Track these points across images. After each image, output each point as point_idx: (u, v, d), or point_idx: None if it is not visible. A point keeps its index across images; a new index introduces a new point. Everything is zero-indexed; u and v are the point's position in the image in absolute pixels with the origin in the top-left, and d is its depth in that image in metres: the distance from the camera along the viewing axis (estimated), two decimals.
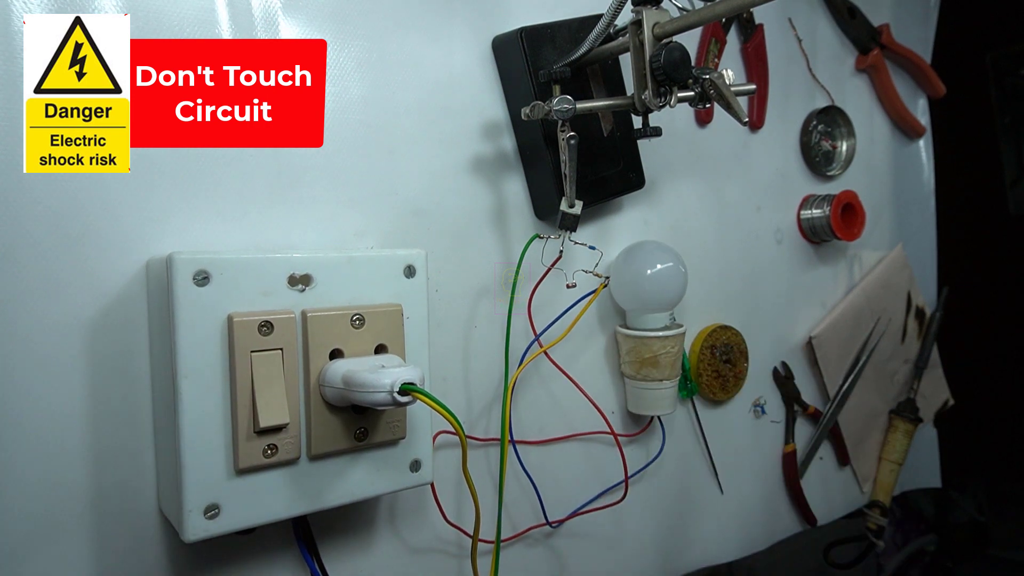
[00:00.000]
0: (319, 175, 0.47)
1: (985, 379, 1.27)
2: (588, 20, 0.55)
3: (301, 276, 0.40)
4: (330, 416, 0.40)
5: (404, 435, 0.43)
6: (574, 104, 0.48)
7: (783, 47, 0.78)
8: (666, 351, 0.58)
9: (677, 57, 0.46)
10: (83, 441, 0.39)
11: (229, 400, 0.37)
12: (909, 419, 0.86)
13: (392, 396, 0.35)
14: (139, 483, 0.41)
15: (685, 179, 0.68)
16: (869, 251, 0.87)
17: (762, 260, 0.75)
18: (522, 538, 0.56)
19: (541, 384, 0.58)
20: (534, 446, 0.57)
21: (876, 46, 0.87)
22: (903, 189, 0.94)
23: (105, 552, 0.39)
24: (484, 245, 0.55)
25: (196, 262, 0.36)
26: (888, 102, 0.90)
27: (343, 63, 0.48)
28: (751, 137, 0.75)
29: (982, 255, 1.41)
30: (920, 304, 0.91)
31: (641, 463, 0.63)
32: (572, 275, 0.54)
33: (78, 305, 0.39)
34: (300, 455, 0.40)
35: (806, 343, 0.78)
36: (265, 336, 0.38)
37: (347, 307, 0.41)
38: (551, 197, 0.54)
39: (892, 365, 0.87)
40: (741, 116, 0.50)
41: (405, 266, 0.44)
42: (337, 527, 0.47)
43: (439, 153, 0.52)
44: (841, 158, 0.83)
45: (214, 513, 0.37)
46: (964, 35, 1.15)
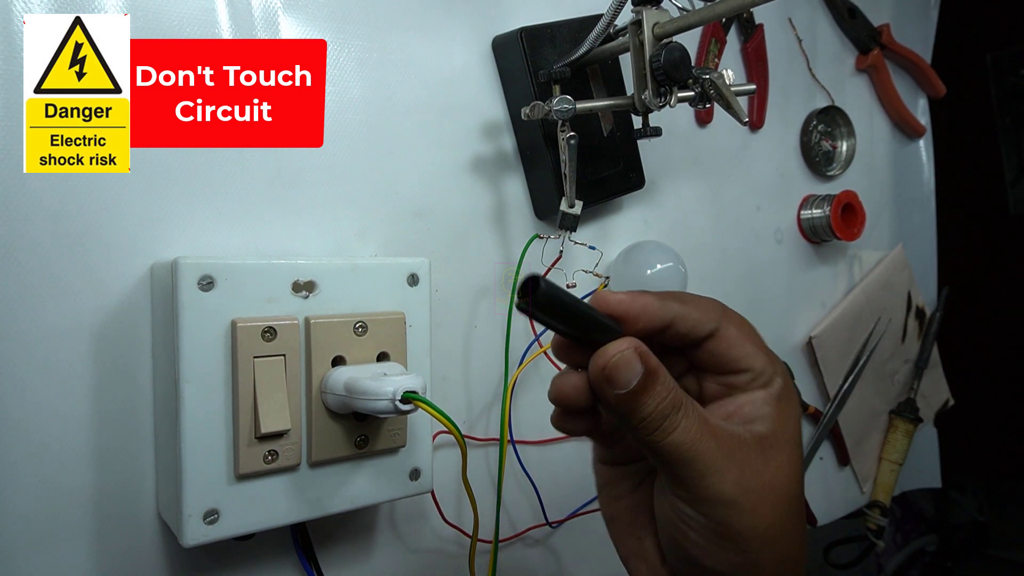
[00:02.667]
0: (319, 175, 0.47)
1: (985, 379, 1.27)
2: (588, 20, 0.55)
3: (305, 283, 0.40)
4: (331, 423, 0.40)
5: (404, 443, 0.43)
6: (574, 104, 0.48)
7: (783, 47, 0.78)
8: None
9: (677, 57, 0.46)
10: (83, 444, 0.39)
11: (231, 405, 0.37)
12: (909, 419, 0.86)
13: (394, 404, 0.35)
14: (138, 487, 0.41)
15: (685, 179, 0.68)
16: (869, 251, 0.87)
17: (762, 260, 0.75)
18: (521, 538, 0.56)
19: (541, 384, 0.57)
20: (534, 446, 0.57)
21: (876, 46, 0.87)
22: (903, 189, 0.94)
23: (103, 556, 0.39)
24: (484, 245, 0.55)
25: (201, 267, 0.36)
26: (888, 102, 0.90)
27: (343, 63, 0.48)
28: (751, 137, 0.75)
29: (982, 255, 1.41)
30: (920, 304, 0.91)
31: None
32: (572, 275, 0.54)
33: (79, 306, 0.39)
34: (300, 461, 0.39)
35: (806, 343, 0.78)
36: (268, 342, 0.38)
37: (350, 314, 0.41)
38: (551, 197, 0.54)
39: (892, 365, 0.87)
40: (741, 116, 0.50)
41: (409, 274, 0.44)
42: (335, 533, 0.47)
43: (439, 153, 0.52)
44: (841, 158, 0.83)
45: (213, 518, 0.37)
46: (964, 35, 1.15)
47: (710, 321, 0.31)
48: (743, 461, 0.29)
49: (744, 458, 0.29)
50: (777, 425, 0.31)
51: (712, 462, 0.29)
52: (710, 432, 0.29)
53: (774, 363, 0.32)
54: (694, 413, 0.29)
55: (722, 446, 0.29)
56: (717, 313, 0.31)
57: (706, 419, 0.30)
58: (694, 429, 0.29)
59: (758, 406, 0.31)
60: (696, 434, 0.29)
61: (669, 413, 0.29)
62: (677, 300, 0.31)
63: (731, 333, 0.31)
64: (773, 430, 0.30)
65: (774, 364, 0.32)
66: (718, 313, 0.31)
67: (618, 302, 0.30)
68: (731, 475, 0.29)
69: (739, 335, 0.31)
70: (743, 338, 0.31)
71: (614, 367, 0.28)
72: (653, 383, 0.29)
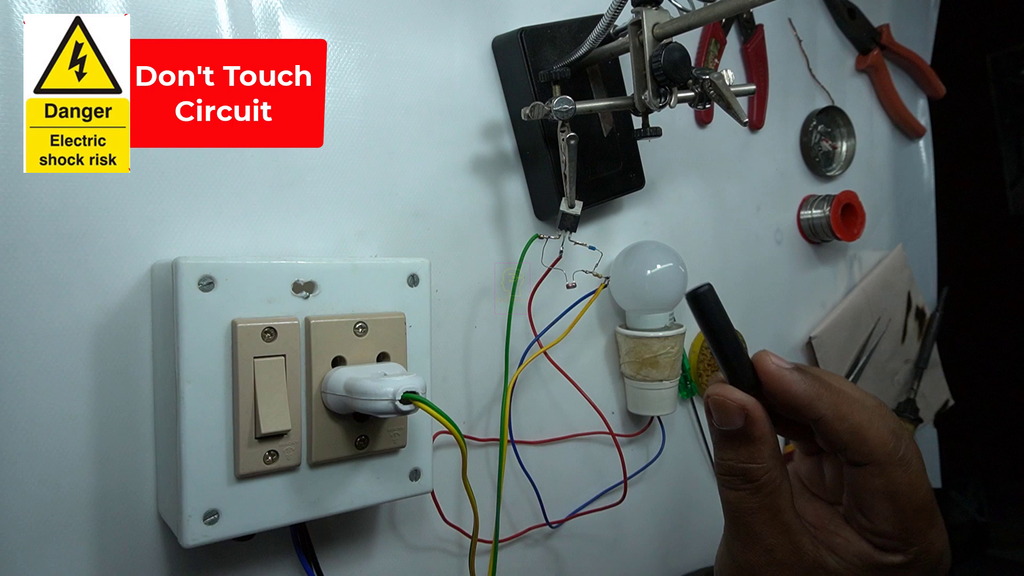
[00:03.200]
0: (319, 175, 0.47)
1: (985, 379, 1.27)
2: (588, 20, 0.55)
3: (305, 283, 0.40)
4: (331, 423, 0.40)
5: (404, 443, 0.43)
6: (574, 104, 0.48)
7: (783, 47, 0.78)
8: (666, 351, 0.58)
9: (677, 57, 0.46)
10: (83, 444, 0.39)
11: (231, 405, 0.37)
12: (909, 419, 0.86)
13: (394, 404, 0.35)
14: (138, 487, 0.41)
15: (685, 179, 0.68)
16: (869, 251, 0.87)
17: (762, 260, 0.75)
18: (521, 538, 0.56)
19: (541, 384, 0.58)
20: (534, 446, 0.57)
21: (876, 46, 0.87)
22: (903, 189, 0.94)
23: (103, 556, 0.39)
24: (484, 245, 0.55)
25: (201, 267, 0.36)
26: (888, 102, 0.90)
27: (343, 63, 0.48)
28: (751, 137, 0.75)
29: (982, 255, 1.41)
30: (920, 304, 0.91)
31: (641, 463, 0.63)
32: (572, 275, 0.54)
33: (79, 306, 0.39)
34: (300, 462, 0.39)
35: (806, 343, 0.78)
36: (268, 342, 0.38)
37: (350, 315, 0.41)
38: (551, 197, 0.54)
39: (892, 365, 0.87)
40: (741, 116, 0.50)
41: (409, 275, 0.44)
42: (335, 533, 0.47)
43: (439, 153, 0.52)
44: (841, 158, 0.83)
45: (213, 519, 0.37)
46: (964, 35, 1.15)
47: (863, 453, 0.30)
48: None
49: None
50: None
51: (746, 536, 0.32)
52: (774, 520, 0.31)
53: (911, 539, 0.30)
54: (767, 498, 0.31)
55: (770, 533, 0.31)
56: (879, 447, 0.30)
57: (778, 511, 0.31)
58: (747, 506, 0.31)
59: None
60: (748, 512, 0.31)
61: (739, 476, 0.32)
62: (839, 410, 0.30)
63: (877, 483, 0.30)
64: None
65: (911, 541, 0.30)
66: (881, 449, 0.30)
67: (767, 369, 0.32)
68: (752, 555, 0.32)
69: (889, 487, 0.30)
70: (891, 494, 0.30)
71: (720, 405, 0.31)
72: (741, 443, 0.31)
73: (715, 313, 0.31)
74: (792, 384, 0.31)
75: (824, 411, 0.31)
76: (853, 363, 0.81)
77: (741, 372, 0.32)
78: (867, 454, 0.30)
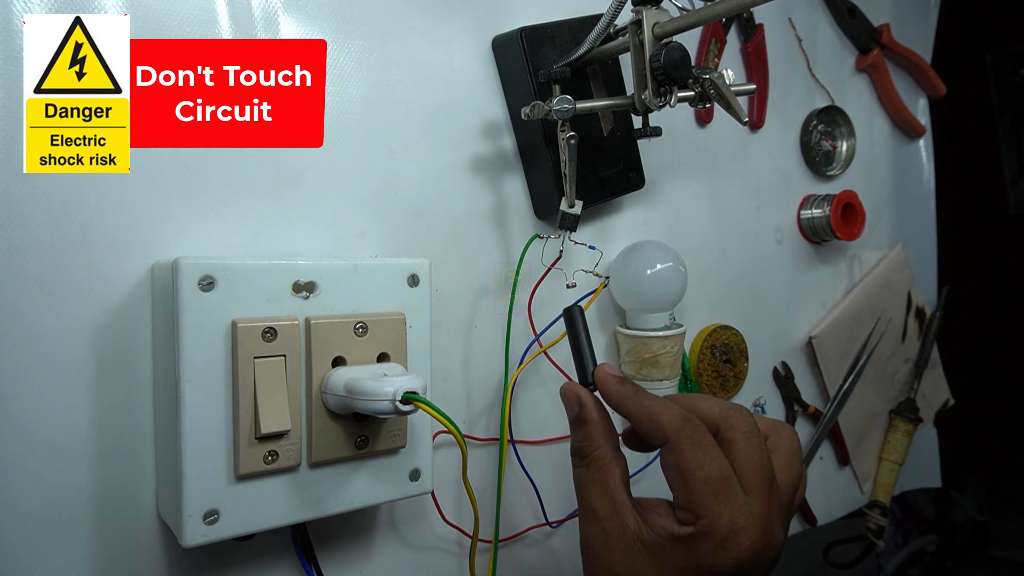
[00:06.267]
0: (319, 175, 0.47)
1: (985, 379, 1.27)
2: (588, 20, 0.55)
3: (306, 283, 0.40)
4: (331, 423, 0.40)
5: (405, 444, 0.43)
6: (574, 104, 0.48)
7: (783, 47, 0.78)
8: (666, 351, 0.58)
9: (677, 57, 0.46)
10: (84, 443, 0.39)
11: (231, 405, 0.37)
12: (909, 419, 0.86)
13: (394, 405, 0.35)
14: (138, 487, 0.41)
15: (685, 179, 0.68)
16: (869, 251, 0.87)
17: (762, 260, 0.75)
18: (521, 538, 0.56)
19: (541, 384, 0.58)
20: (534, 446, 0.57)
21: (876, 46, 0.87)
22: (903, 189, 0.94)
23: (103, 556, 0.39)
24: (484, 245, 0.55)
25: (202, 267, 0.36)
26: (888, 102, 0.90)
27: (343, 63, 0.48)
28: (751, 137, 0.75)
29: (982, 255, 1.41)
30: (920, 304, 0.91)
31: (641, 463, 0.63)
32: (572, 275, 0.54)
33: (79, 307, 0.39)
34: (300, 462, 0.39)
35: (806, 343, 0.78)
36: (268, 342, 0.38)
37: (350, 315, 0.41)
38: (551, 197, 0.54)
39: (892, 365, 0.87)
40: (741, 116, 0.50)
41: (409, 275, 0.44)
42: (335, 533, 0.47)
43: (439, 153, 0.52)
44: (841, 158, 0.83)
45: (213, 519, 0.37)
46: (964, 35, 1.15)
47: (659, 436, 0.37)
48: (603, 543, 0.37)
49: (610, 545, 0.36)
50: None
51: (585, 510, 0.38)
52: (604, 494, 0.37)
53: (698, 511, 0.35)
54: (597, 472, 0.38)
55: (601, 506, 0.37)
56: (670, 427, 0.36)
57: (607, 486, 0.37)
58: (583, 480, 0.38)
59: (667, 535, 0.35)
60: (584, 487, 0.38)
61: (577, 455, 0.39)
62: (641, 404, 0.38)
63: (670, 460, 0.36)
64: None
65: (698, 513, 0.34)
66: (672, 429, 0.36)
67: (598, 374, 0.41)
68: (588, 528, 0.37)
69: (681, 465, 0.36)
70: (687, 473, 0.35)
71: (564, 396, 0.41)
72: (577, 426, 0.40)
73: (579, 327, 0.42)
74: (609, 385, 0.39)
75: (630, 406, 0.38)
76: (853, 363, 0.81)
77: (583, 375, 0.41)
78: (662, 435, 0.36)
